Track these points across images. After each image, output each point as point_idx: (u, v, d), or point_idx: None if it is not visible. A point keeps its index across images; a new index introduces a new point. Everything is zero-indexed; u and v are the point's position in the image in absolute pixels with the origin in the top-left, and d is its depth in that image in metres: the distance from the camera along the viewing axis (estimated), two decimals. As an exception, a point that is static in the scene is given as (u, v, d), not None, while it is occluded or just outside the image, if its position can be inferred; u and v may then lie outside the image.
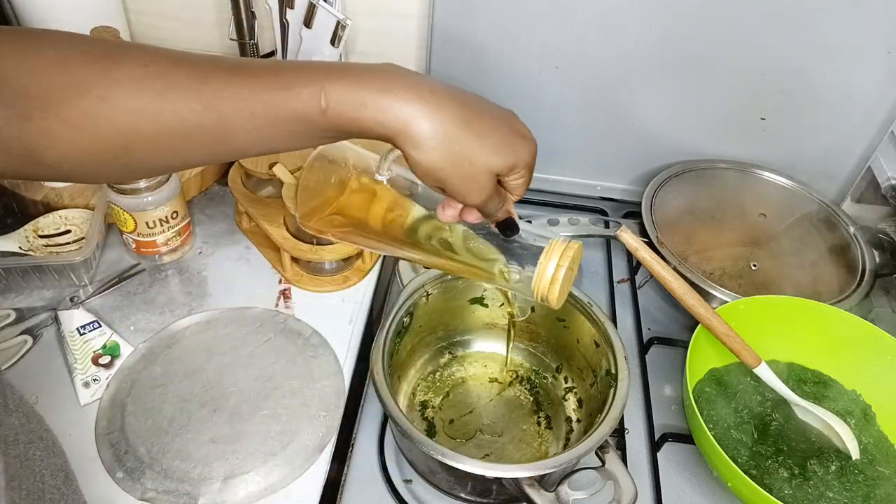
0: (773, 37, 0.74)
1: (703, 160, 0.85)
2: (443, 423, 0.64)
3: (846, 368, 0.67)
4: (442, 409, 0.66)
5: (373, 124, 0.39)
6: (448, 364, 0.70)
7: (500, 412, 0.66)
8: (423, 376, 0.68)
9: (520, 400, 0.67)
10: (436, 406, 0.66)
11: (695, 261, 0.74)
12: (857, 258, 0.76)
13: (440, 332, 0.69)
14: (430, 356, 0.69)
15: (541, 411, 0.66)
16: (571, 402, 0.66)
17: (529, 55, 0.79)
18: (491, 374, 0.69)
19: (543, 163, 0.89)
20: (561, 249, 0.43)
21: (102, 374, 0.63)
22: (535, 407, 0.67)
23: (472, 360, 0.70)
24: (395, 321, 0.61)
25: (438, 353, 0.70)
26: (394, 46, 0.85)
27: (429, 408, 0.66)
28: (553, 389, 0.68)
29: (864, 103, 0.78)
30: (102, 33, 0.68)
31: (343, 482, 0.60)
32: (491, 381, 0.69)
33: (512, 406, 0.66)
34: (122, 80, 0.37)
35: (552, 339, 0.68)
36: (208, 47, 0.90)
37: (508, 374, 0.69)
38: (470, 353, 0.71)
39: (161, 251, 0.73)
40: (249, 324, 0.69)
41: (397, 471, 0.61)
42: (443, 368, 0.69)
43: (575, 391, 0.66)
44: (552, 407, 0.66)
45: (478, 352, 0.71)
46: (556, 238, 0.44)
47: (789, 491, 0.57)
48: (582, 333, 0.63)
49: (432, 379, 0.68)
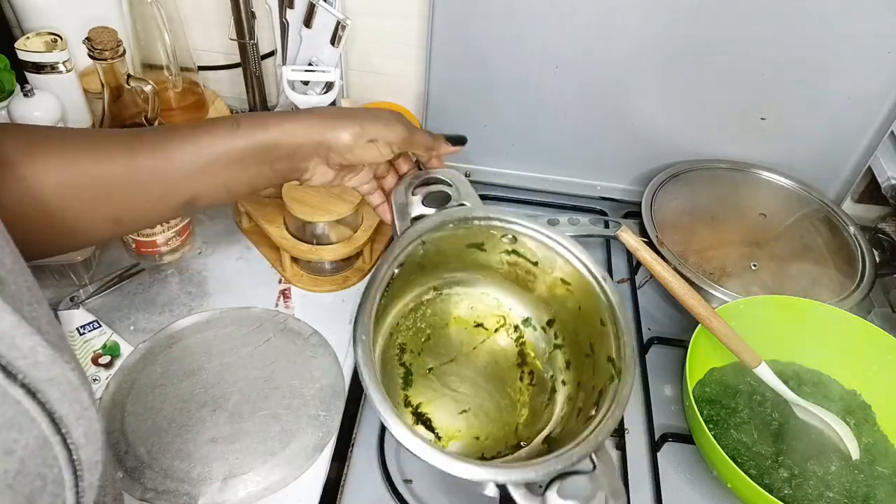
0: (773, 37, 0.74)
1: (703, 160, 0.85)
2: (421, 371, 0.61)
3: (846, 368, 0.67)
4: (421, 354, 0.61)
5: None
6: (432, 301, 0.64)
7: (482, 362, 0.62)
8: (405, 313, 0.63)
9: (504, 351, 0.63)
10: (415, 350, 0.61)
11: (695, 261, 0.74)
12: (857, 258, 0.76)
13: (429, 270, 0.63)
14: (416, 294, 0.64)
15: (525, 365, 0.62)
16: (559, 361, 0.62)
17: (529, 55, 0.79)
18: (477, 317, 0.65)
19: (543, 163, 0.90)
20: None
21: (102, 373, 0.63)
22: (519, 360, 0.63)
23: (458, 300, 0.65)
24: (385, 278, 0.55)
25: (425, 291, 0.64)
26: (394, 46, 0.85)
27: (407, 352, 0.61)
28: (540, 343, 0.64)
29: (864, 103, 0.78)
30: (101, 34, 0.68)
31: (343, 482, 0.60)
32: (476, 325, 0.65)
33: (496, 357, 0.62)
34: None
35: (551, 294, 0.63)
36: (208, 47, 0.90)
37: (496, 319, 0.65)
38: (457, 291, 0.65)
39: (161, 251, 0.73)
40: (249, 324, 0.69)
41: (397, 471, 0.61)
42: (426, 306, 0.64)
43: (564, 350, 0.62)
44: (538, 362, 0.62)
45: (466, 290, 0.65)
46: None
47: (789, 491, 0.57)
48: (587, 304, 0.59)
49: (413, 318, 0.63)
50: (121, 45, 0.69)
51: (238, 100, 0.93)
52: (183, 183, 0.49)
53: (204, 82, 0.91)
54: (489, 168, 0.91)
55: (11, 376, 0.24)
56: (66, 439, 0.26)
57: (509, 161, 0.90)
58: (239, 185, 0.51)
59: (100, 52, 0.68)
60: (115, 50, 0.69)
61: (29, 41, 0.74)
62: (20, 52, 0.74)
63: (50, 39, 0.75)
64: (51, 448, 0.25)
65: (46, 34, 0.75)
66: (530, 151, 0.89)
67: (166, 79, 0.83)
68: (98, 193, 0.45)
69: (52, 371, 0.25)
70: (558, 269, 0.60)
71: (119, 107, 0.73)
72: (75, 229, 0.46)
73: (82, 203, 0.45)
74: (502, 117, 0.85)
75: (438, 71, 0.82)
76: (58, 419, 0.25)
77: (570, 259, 0.59)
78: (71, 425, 0.26)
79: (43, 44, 0.74)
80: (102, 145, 0.46)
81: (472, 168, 0.91)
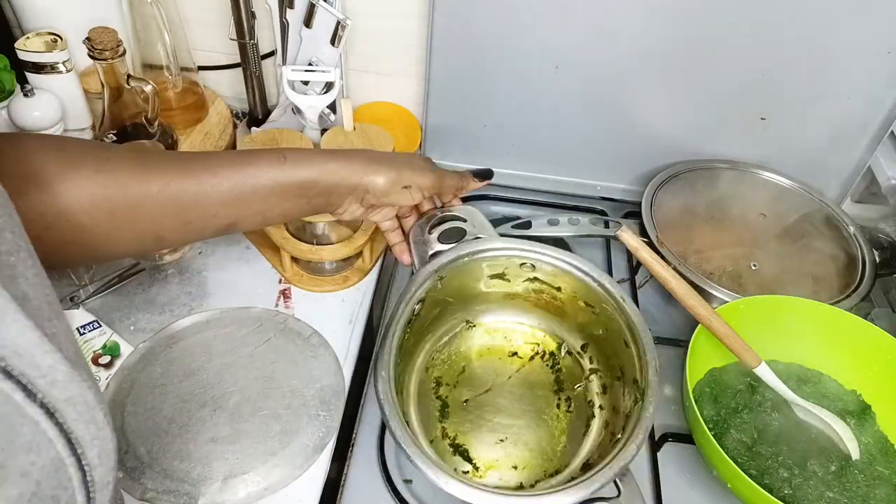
0: (773, 37, 0.74)
1: (703, 160, 0.85)
2: (457, 404, 0.61)
3: (846, 368, 0.67)
4: (457, 386, 0.62)
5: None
6: (465, 334, 0.66)
7: (518, 391, 0.62)
8: (439, 348, 0.65)
9: (540, 378, 0.63)
10: (450, 383, 0.63)
11: (695, 261, 0.74)
12: (857, 258, 0.76)
13: (457, 304, 0.65)
14: (448, 327, 0.66)
15: (562, 392, 0.63)
16: (595, 385, 0.62)
17: (529, 55, 0.79)
18: (511, 346, 0.66)
19: (543, 162, 0.90)
20: None
21: (102, 374, 0.63)
22: (556, 387, 0.63)
23: (492, 331, 0.66)
24: (404, 316, 0.57)
25: (456, 323, 0.66)
26: (394, 46, 0.85)
27: (443, 385, 0.63)
28: (577, 369, 0.64)
29: (864, 103, 0.78)
30: (101, 34, 0.68)
31: (343, 482, 0.60)
32: (511, 354, 0.65)
33: (532, 385, 0.63)
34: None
35: (579, 318, 0.64)
36: (208, 47, 0.90)
37: (530, 347, 0.65)
38: (490, 322, 0.67)
39: (161, 251, 0.73)
40: (249, 324, 0.69)
41: (397, 471, 0.61)
42: (459, 339, 0.65)
43: (600, 374, 0.62)
44: (574, 388, 0.63)
45: (498, 320, 0.67)
46: None
47: (789, 491, 0.57)
48: (611, 326, 0.60)
49: (448, 352, 0.65)
50: (121, 45, 0.69)
51: (238, 100, 0.93)
52: (224, 210, 0.49)
53: (204, 82, 0.91)
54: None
55: (31, 395, 0.23)
56: (80, 460, 0.25)
57: (509, 161, 0.90)
58: (275, 215, 0.53)
59: (100, 52, 0.68)
60: (115, 50, 0.69)
61: (29, 41, 0.74)
62: (20, 52, 0.74)
63: (50, 39, 0.75)
64: (66, 470, 0.25)
65: (46, 34, 0.75)
66: (530, 151, 0.89)
67: (166, 79, 0.83)
68: (135, 214, 0.45)
69: (69, 390, 0.25)
70: (579, 292, 0.62)
71: (119, 107, 0.73)
72: (106, 244, 0.46)
73: (117, 222, 0.45)
74: (502, 117, 0.85)
75: (438, 71, 0.82)
76: (74, 440, 0.25)
77: (587, 281, 0.61)
78: (86, 446, 0.25)
79: (43, 44, 0.74)
80: (147, 167, 0.46)
81: (473, 168, 0.91)
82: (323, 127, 0.84)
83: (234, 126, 0.90)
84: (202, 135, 0.87)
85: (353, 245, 0.72)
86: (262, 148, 0.54)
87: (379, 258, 0.78)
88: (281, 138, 0.76)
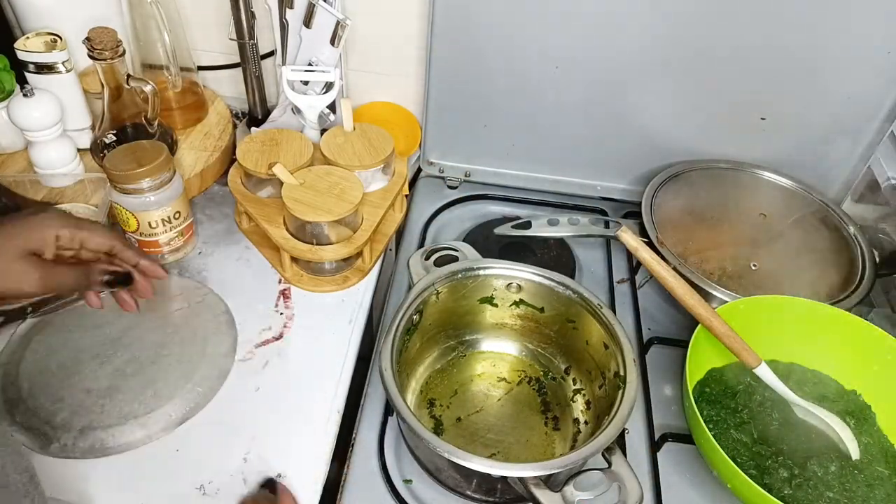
0: (773, 37, 0.74)
1: (703, 160, 0.85)
2: (450, 421, 0.65)
3: (846, 368, 0.67)
4: (450, 407, 0.66)
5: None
6: (457, 361, 0.70)
7: (507, 412, 0.66)
8: (433, 374, 0.69)
9: (528, 400, 0.67)
10: (444, 404, 0.66)
11: (695, 261, 0.74)
12: (857, 258, 0.76)
13: (450, 330, 0.69)
14: (440, 353, 0.70)
15: (549, 412, 0.66)
16: (580, 404, 0.66)
17: (529, 55, 0.79)
18: (500, 373, 0.69)
19: (543, 162, 0.90)
20: None
21: None
22: (542, 407, 0.67)
23: (481, 359, 0.70)
24: (405, 318, 0.61)
25: (448, 350, 0.70)
26: (394, 46, 0.85)
27: (437, 406, 0.66)
28: (561, 390, 0.68)
29: (864, 103, 0.78)
30: (101, 34, 0.68)
31: (343, 482, 0.60)
32: (499, 380, 0.69)
33: (520, 406, 0.67)
34: None
35: (561, 339, 0.68)
36: (208, 47, 0.90)
37: (517, 374, 0.69)
38: (479, 352, 0.71)
39: (163, 251, 0.73)
40: (171, 292, 0.71)
41: (397, 471, 0.61)
42: (452, 366, 0.69)
43: (583, 393, 0.66)
44: (560, 408, 0.66)
45: (487, 351, 0.71)
46: None
47: (789, 491, 0.57)
48: (591, 335, 0.63)
49: (441, 377, 0.69)
50: (121, 45, 0.69)
51: (238, 100, 0.93)
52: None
53: (204, 82, 0.91)
54: (489, 168, 0.91)
55: None
56: None
57: (509, 161, 0.90)
58: None
59: (100, 52, 0.68)
60: (115, 50, 0.69)
61: (29, 41, 0.74)
62: (20, 52, 0.74)
63: (50, 39, 0.75)
64: None
65: (46, 34, 0.75)
66: (530, 151, 0.89)
67: (166, 79, 0.83)
68: None
69: None
70: (560, 309, 0.66)
71: (119, 107, 0.74)
72: None
73: None
74: (502, 117, 0.85)
75: (438, 71, 0.82)
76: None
77: (569, 295, 0.64)
78: None
79: (43, 44, 0.74)
80: None
81: (472, 168, 0.91)
82: (323, 127, 0.84)
83: (233, 126, 0.90)
84: (202, 135, 0.87)
85: (353, 245, 0.72)
86: None
87: (379, 258, 0.78)
88: (280, 138, 0.76)
